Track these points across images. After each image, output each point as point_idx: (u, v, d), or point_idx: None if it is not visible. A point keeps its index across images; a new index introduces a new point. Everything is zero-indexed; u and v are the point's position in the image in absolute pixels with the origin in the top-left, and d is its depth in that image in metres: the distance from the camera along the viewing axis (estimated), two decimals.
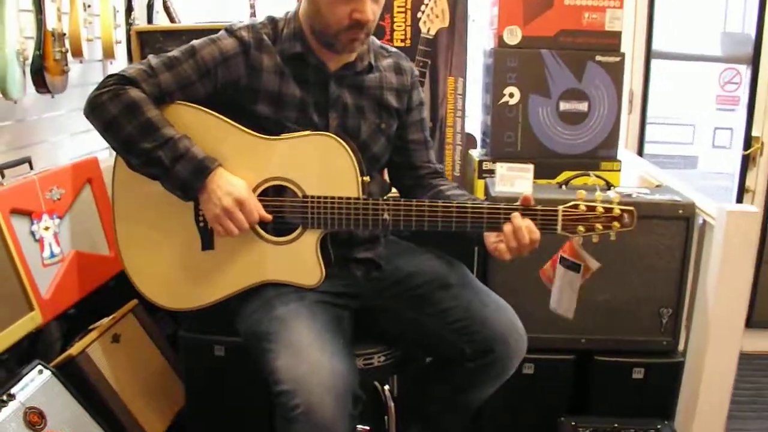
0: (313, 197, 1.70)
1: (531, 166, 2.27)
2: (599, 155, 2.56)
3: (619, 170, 2.56)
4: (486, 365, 1.78)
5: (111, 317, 2.37)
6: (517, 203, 1.70)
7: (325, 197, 1.69)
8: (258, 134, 1.71)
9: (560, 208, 1.71)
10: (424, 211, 1.70)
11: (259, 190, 1.71)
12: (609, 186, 2.29)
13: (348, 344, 1.72)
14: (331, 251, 1.76)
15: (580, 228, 1.72)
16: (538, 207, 1.71)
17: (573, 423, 2.28)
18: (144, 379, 2.39)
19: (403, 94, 1.91)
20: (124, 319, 2.41)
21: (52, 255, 2.22)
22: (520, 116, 2.54)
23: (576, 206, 1.72)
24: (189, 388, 2.41)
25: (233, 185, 1.66)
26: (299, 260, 1.73)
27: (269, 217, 1.69)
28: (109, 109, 1.64)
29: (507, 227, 1.68)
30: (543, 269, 1.83)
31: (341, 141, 1.69)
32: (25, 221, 2.11)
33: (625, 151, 2.64)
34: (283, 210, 1.72)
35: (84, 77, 2.66)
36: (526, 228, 1.66)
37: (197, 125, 1.70)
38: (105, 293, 2.44)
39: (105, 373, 2.26)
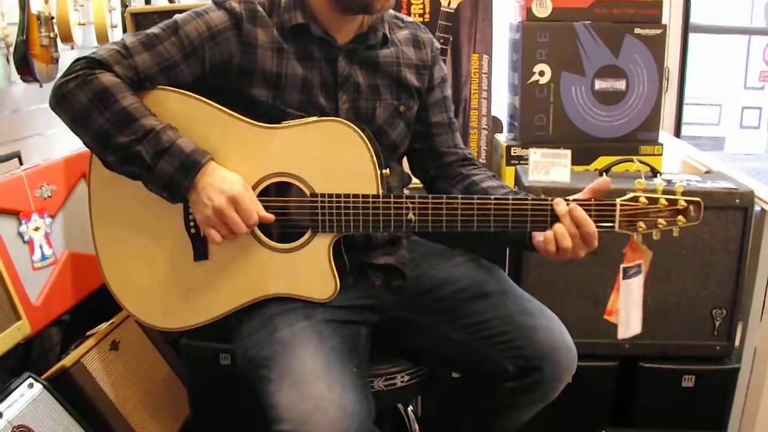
0: (323, 195, 1.32)
1: (568, 152, 1.88)
2: (638, 138, 2.17)
3: (661, 154, 2.17)
4: (531, 385, 1.41)
5: (109, 322, 2.02)
6: (586, 191, 1.34)
7: (338, 195, 1.31)
8: (255, 122, 1.33)
9: (618, 201, 1.33)
10: (456, 210, 1.32)
11: (259, 188, 1.34)
12: (655, 173, 1.91)
13: (363, 369, 1.35)
14: (345, 257, 1.39)
15: (641, 224, 1.34)
16: (592, 200, 1.33)
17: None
18: (146, 389, 2.04)
19: (423, 70, 1.53)
20: (124, 324, 2.06)
21: (43, 257, 1.88)
22: (551, 96, 2.15)
23: (635, 198, 1.34)
24: (194, 399, 2.07)
25: (227, 182, 1.28)
26: (308, 270, 1.35)
27: (271, 217, 1.31)
28: (77, 98, 1.27)
29: (557, 225, 1.31)
30: (607, 310, 1.45)
31: (355, 128, 1.31)
32: (11, 222, 1.79)
33: (662, 133, 2.25)
34: (288, 211, 1.34)
35: None
36: (578, 220, 1.30)
37: (183, 113, 1.33)
38: (103, 296, 2.09)
39: (102, 384, 1.92)
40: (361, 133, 1.31)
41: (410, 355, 1.52)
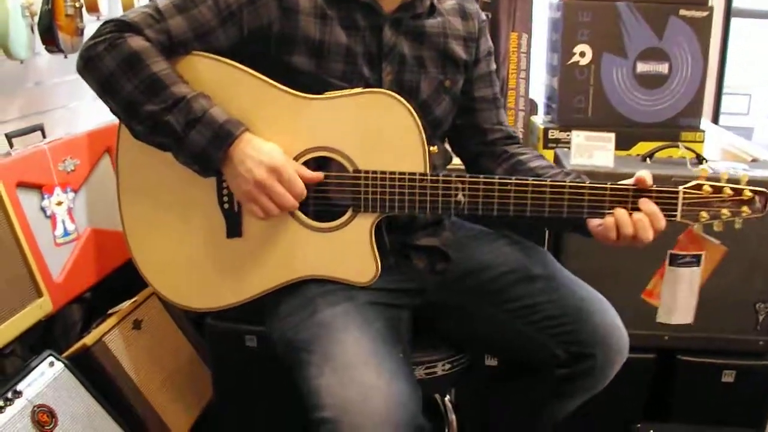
0: (366, 172, 1.20)
1: (612, 135, 1.75)
2: (680, 124, 2.03)
3: (702, 141, 2.03)
4: (582, 372, 1.30)
5: (132, 301, 1.91)
6: (629, 182, 1.20)
7: (383, 172, 1.19)
8: (296, 92, 1.21)
9: (681, 189, 1.20)
10: (509, 192, 1.19)
11: (300, 161, 1.21)
12: (700, 160, 1.77)
13: (408, 356, 1.24)
14: (386, 238, 1.27)
15: (703, 214, 1.22)
16: (654, 187, 1.20)
17: (651, 431, 1.79)
18: (168, 370, 1.93)
19: (470, 42, 1.39)
20: (147, 303, 1.94)
21: (66, 233, 1.77)
22: (591, 78, 2.00)
23: (699, 186, 1.22)
24: (217, 382, 1.95)
25: (265, 152, 1.16)
26: (348, 251, 1.23)
27: (319, 175, 1.19)
28: (105, 63, 1.15)
29: (620, 214, 1.18)
30: (647, 290, 1.33)
31: (403, 101, 1.18)
32: (34, 196, 1.68)
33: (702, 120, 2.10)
34: (327, 188, 1.22)
35: None
36: (652, 215, 1.17)
37: (218, 81, 1.20)
38: (126, 274, 1.98)
39: (124, 364, 1.80)
40: (410, 106, 1.18)
41: (451, 341, 1.40)
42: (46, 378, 1.57)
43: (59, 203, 1.75)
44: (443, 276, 1.35)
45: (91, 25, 1.97)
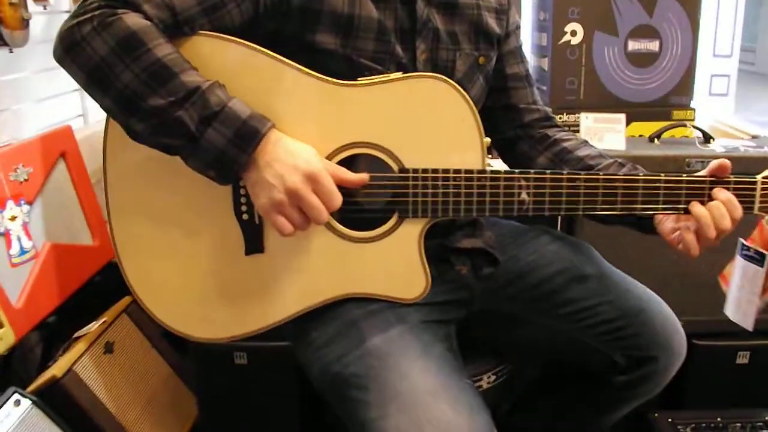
0: (415, 171, 0.97)
1: (622, 117, 1.59)
2: (671, 103, 1.89)
3: (694, 119, 1.91)
4: (643, 378, 1.14)
5: (101, 321, 1.61)
6: (705, 172, 1.03)
7: (434, 171, 0.97)
8: (327, 78, 0.97)
9: (758, 177, 1.04)
10: (578, 188, 0.99)
11: (334, 161, 0.98)
12: (707, 138, 1.64)
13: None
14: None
15: None
16: (731, 176, 1.03)
17: (669, 419, 1.65)
18: (147, 394, 1.65)
19: (501, 15, 1.18)
20: (117, 322, 1.65)
21: (23, 251, 1.46)
22: (583, 58, 1.84)
23: None
24: (204, 404, 1.69)
25: (298, 154, 0.92)
26: (394, 264, 1.01)
27: (364, 177, 0.96)
28: (94, 47, 0.88)
29: (697, 208, 1.01)
30: (723, 273, 1.17)
31: (457, 87, 0.96)
32: None
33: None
34: (368, 192, 0.99)
35: (49, 30, 1.82)
36: (728, 202, 1.00)
37: (231, 67, 0.94)
38: (90, 291, 1.69)
39: (99, 393, 1.51)
40: (465, 93, 0.96)
41: (492, 349, 1.21)
42: (12, 419, 1.29)
43: (13, 218, 1.44)
44: (491, 282, 1.15)
45: (38, 18, 1.65)
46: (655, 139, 1.64)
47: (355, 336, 0.98)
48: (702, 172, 1.03)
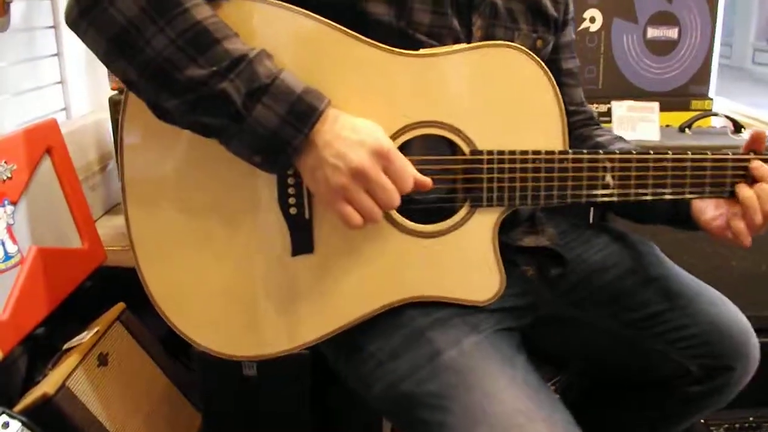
0: (490, 153, 0.84)
1: (655, 105, 1.49)
2: (689, 92, 1.80)
3: (711, 109, 1.82)
4: (717, 388, 1.01)
5: (94, 331, 1.42)
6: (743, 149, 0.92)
7: (512, 152, 0.83)
8: (387, 47, 0.82)
9: None
10: (665, 170, 0.87)
11: (397, 142, 0.83)
12: (738, 128, 1.55)
13: None
14: None
15: None
16: None
17: (702, 420, 1.56)
18: (145, 409, 1.47)
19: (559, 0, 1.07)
20: (111, 332, 1.45)
21: (7, 256, 1.27)
22: (602, 46, 1.74)
23: None
24: (209, 418, 1.52)
25: (363, 130, 0.77)
26: (464, 261, 0.86)
27: (428, 181, 0.81)
28: (119, 7, 0.72)
29: (745, 191, 0.89)
30: None
31: (535, 57, 0.83)
32: None
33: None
34: (435, 177, 0.84)
35: (30, 17, 1.63)
36: None
37: (278, 35, 0.79)
38: (80, 298, 1.50)
39: (94, 409, 1.32)
40: (543, 65, 0.83)
41: (550, 357, 1.07)
42: None
43: None
44: (559, 284, 1.01)
45: (18, 4, 1.46)
46: (686, 129, 1.54)
47: (426, 348, 0.83)
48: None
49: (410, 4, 0.87)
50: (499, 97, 0.83)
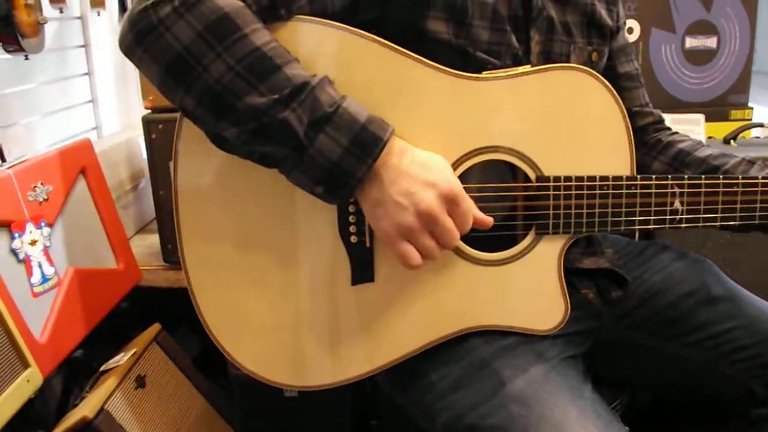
0: (557, 180, 0.81)
1: (701, 117, 1.46)
2: (729, 102, 1.77)
3: (751, 119, 1.78)
4: None
5: (131, 353, 1.41)
6: None
7: (579, 179, 0.81)
8: (451, 71, 0.80)
9: None
10: (735, 195, 0.84)
11: (459, 170, 0.80)
12: None
13: None
14: None
15: None
16: None
17: None
18: (183, 429, 1.45)
19: (612, 6, 1.03)
20: (148, 353, 1.44)
21: (45, 279, 1.25)
22: (640, 56, 1.71)
23: None
24: None
25: (433, 168, 0.75)
26: (528, 289, 0.84)
27: (489, 220, 0.79)
28: (175, 32, 0.70)
29: None
30: None
31: (604, 81, 0.81)
32: (2, 236, 1.17)
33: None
34: (499, 204, 0.82)
35: (61, 36, 1.62)
36: None
37: (339, 59, 0.77)
38: (116, 319, 1.48)
39: None
40: (611, 88, 0.80)
41: (609, 379, 1.04)
42: None
43: (33, 242, 1.23)
44: (619, 307, 0.98)
45: (50, 24, 1.45)
46: (732, 141, 1.51)
47: (491, 379, 0.80)
48: None
49: (469, 21, 0.85)
50: (565, 122, 0.80)
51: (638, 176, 0.82)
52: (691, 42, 1.71)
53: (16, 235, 1.19)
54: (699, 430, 1.06)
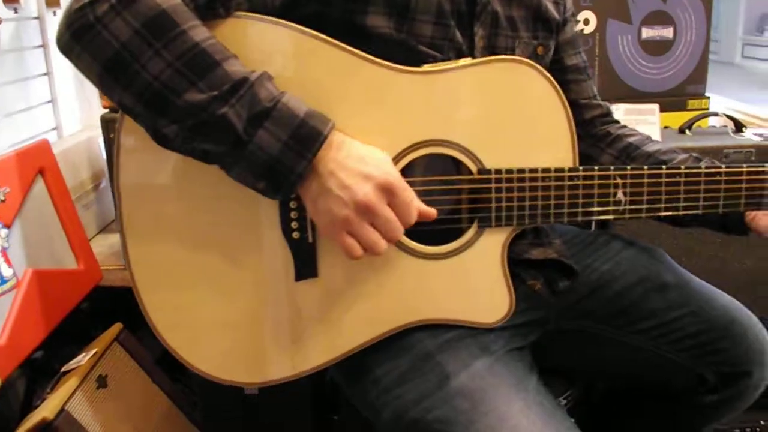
0: (498, 172, 0.80)
1: (655, 107, 1.45)
2: (686, 92, 1.77)
3: (708, 108, 1.79)
4: (734, 395, 0.99)
5: (92, 353, 1.38)
6: None
7: (521, 171, 0.80)
8: (390, 64, 0.78)
9: None
10: (678, 185, 0.84)
11: (401, 163, 0.79)
12: (739, 127, 1.52)
13: None
14: None
15: None
16: None
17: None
18: (146, 429, 1.43)
19: (559, 0, 1.03)
20: (109, 353, 1.41)
21: (3, 281, 1.22)
22: (597, 48, 1.70)
23: None
24: None
25: (370, 161, 0.73)
26: (472, 282, 0.83)
27: (432, 212, 0.78)
28: (113, 30, 0.68)
29: None
30: None
31: (544, 72, 0.80)
32: None
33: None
34: (442, 198, 0.82)
35: (18, 37, 1.58)
36: None
37: (277, 55, 0.75)
38: (76, 319, 1.46)
39: None
40: (552, 79, 0.79)
41: (561, 369, 1.04)
42: None
43: None
44: (567, 297, 0.97)
45: (7, 24, 1.41)
46: (686, 130, 1.51)
47: (435, 372, 0.79)
48: None
49: (411, 15, 0.83)
50: (506, 114, 0.79)
51: (581, 167, 0.81)
52: (647, 32, 1.72)
53: None
54: (650, 421, 1.07)
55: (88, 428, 1.28)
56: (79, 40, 0.69)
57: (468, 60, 0.80)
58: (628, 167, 0.82)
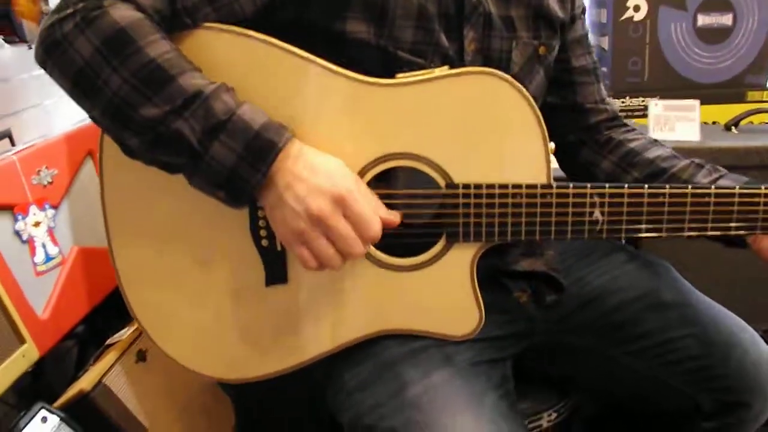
0: (466, 187, 0.76)
1: (696, 103, 1.34)
2: (745, 83, 1.62)
3: None
4: (731, 425, 0.91)
5: (134, 328, 1.46)
6: None
7: (490, 186, 0.76)
8: (358, 76, 0.76)
9: None
10: (662, 205, 0.77)
11: (367, 177, 0.77)
12: None
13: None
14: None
15: None
16: None
17: None
18: (182, 403, 1.49)
19: None
20: None
21: (48, 258, 1.29)
22: (647, 36, 1.58)
23: None
24: (240, 413, 1.53)
25: (324, 171, 0.72)
26: (441, 295, 0.80)
27: (396, 218, 0.76)
28: (77, 48, 0.70)
29: None
30: None
31: (517, 85, 0.75)
32: (5, 218, 1.20)
33: None
34: (410, 212, 0.79)
35: None
36: None
37: (243, 66, 0.75)
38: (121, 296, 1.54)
39: (131, 406, 1.34)
40: (526, 92, 0.74)
41: (554, 383, 1.00)
42: None
43: (36, 224, 1.28)
44: (556, 311, 0.93)
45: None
46: (733, 127, 1.38)
47: (393, 381, 0.78)
48: None
49: (390, 19, 0.80)
50: (477, 128, 0.75)
51: (554, 185, 0.76)
52: (703, 19, 1.57)
53: (20, 217, 1.24)
54: None
55: (125, 401, 1.34)
56: (50, 56, 0.71)
57: (444, 69, 0.76)
58: (607, 185, 0.76)
